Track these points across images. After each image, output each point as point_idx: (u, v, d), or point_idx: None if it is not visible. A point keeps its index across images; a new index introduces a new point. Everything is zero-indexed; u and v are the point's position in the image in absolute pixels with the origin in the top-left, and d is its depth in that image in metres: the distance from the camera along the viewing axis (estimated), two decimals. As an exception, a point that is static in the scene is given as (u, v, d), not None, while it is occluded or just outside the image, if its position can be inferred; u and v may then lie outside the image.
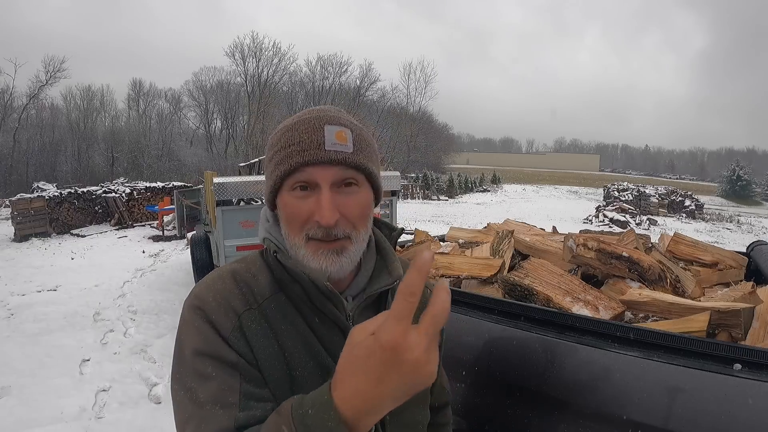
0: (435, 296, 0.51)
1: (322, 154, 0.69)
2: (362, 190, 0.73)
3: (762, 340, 1.10)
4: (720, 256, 1.71)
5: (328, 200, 0.68)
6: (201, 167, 24.31)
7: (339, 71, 37.11)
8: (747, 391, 0.84)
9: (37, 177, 22.04)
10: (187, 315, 0.70)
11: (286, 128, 0.73)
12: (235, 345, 0.67)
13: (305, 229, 0.70)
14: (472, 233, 2.17)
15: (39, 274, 7.32)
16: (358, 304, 0.75)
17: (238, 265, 0.77)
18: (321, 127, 0.70)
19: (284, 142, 0.72)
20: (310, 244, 0.70)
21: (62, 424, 3.09)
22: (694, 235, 3.42)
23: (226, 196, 4.94)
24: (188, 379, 0.66)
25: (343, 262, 0.71)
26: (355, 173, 0.71)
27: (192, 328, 0.68)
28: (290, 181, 0.70)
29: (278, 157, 0.72)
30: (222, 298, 0.70)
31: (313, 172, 0.69)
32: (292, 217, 0.71)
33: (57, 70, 29.27)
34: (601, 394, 0.97)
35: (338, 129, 0.71)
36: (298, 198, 0.70)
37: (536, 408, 1.06)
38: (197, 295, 0.71)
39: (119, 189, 13.77)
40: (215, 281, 0.73)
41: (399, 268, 0.78)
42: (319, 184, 0.69)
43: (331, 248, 0.70)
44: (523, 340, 1.14)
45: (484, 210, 20.54)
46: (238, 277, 0.74)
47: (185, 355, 0.67)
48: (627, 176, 56.84)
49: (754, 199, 41.45)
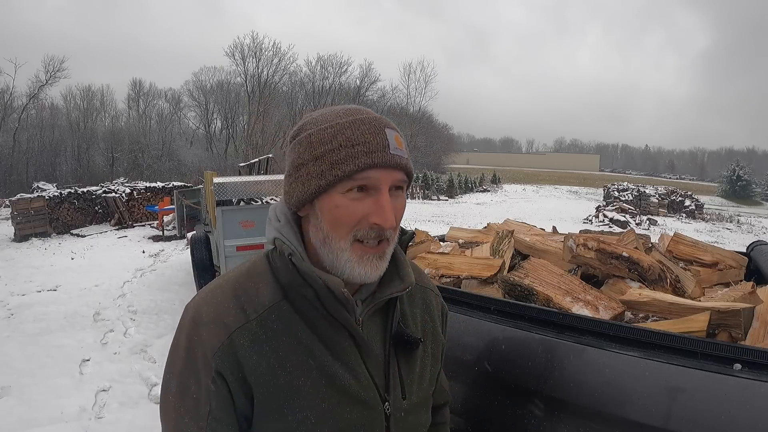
0: None
1: (388, 158, 0.68)
2: (404, 194, 0.74)
3: (762, 340, 1.10)
4: (720, 256, 1.70)
5: (390, 203, 0.68)
6: (201, 167, 24.31)
7: (339, 71, 37.14)
8: (747, 391, 0.84)
9: (37, 177, 22.06)
10: (185, 321, 0.72)
11: (340, 126, 0.69)
12: (218, 365, 0.67)
13: (354, 230, 0.69)
14: (472, 233, 2.17)
15: (39, 274, 7.32)
16: (368, 309, 0.75)
17: (242, 272, 0.75)
18: (383, 130, 0.70)
19: (344, 142, 0.68)
20: (355, 248, 0.69)
21: (62, 424, 3.09)
22: (694, 235, 3.42)
23: (226, 196, 4.95)
24: (175, 383, 0.71)
25: (383, 266, 0.72)
26: (406, 178, 0.72)
27: (184, 335, 0.71)
28: (348, 182, 0.67)
29: (335, 157, 0.67)
30: (216, 313, 0.70)
31: (378, 174, 0.68)
32: (343, 218, 0.68)
33: (57, 70, 29.30)
34: (601, 394, 0.97)
35: (395, 133, 0.72)
36: (353, 200, 0.68)
37: (536, 408, 1.05)
38: (196, 304, 0.72)
39: (119, 189, 13.78)
40: (214, 292, 0.73)
41: (411, 275, 0.78)
42: (379, 187, 0.68)
43: (376, 253, 0.70)
44: (523, 340, 1.14)
45: (484, 210, 20.54)
46: (239, 286, 0.73)
47: (178, 357, 0.71)
48: (627, 176, 56.81)
49: (754, 199, 41.45)
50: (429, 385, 0.84)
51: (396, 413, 0.76)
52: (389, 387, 0.76)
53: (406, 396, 0.77)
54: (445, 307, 0.92)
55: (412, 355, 0.79)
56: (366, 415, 0.73)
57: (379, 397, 0.74)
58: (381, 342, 0.77)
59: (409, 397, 0.77)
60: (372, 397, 0.73)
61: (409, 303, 0.84)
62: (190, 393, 0.69)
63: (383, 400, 0.74)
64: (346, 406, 0.71)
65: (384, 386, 0.75)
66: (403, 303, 0.82)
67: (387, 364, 0.76)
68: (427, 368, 0.83)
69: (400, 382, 0.77)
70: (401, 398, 0.76)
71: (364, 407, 0.73)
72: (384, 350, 0.77)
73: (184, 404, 0.70)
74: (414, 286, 0.83)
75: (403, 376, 0.77)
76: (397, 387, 0.76)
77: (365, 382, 0.73)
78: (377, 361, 0.75)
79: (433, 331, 0.85)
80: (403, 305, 0.82)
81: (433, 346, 0.85)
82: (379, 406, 0.74)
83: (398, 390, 0.76)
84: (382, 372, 0.76)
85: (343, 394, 0.71)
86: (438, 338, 0.86)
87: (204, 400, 0.68)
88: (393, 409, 0.75)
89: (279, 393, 0.69)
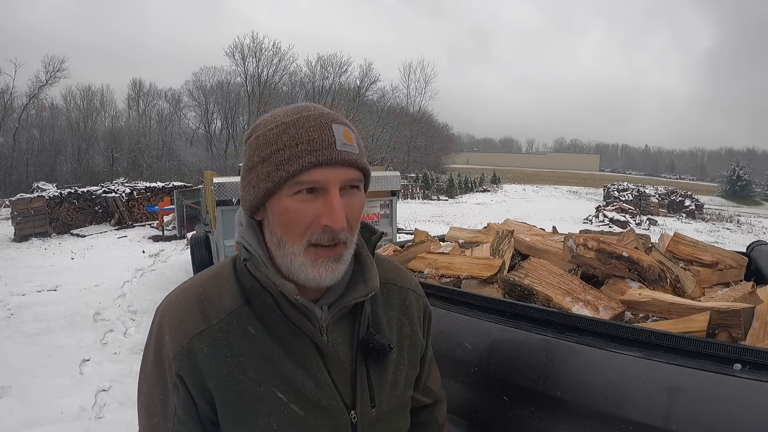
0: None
1: (334, 155, 0.65)
2: (360, 193, 0.70)
3: (762, 340, 1.10)
4: (720, 256, 1.70)
5: (339, 203, 0.65)
6: (201, 167, 24.30)
7: (339, 71, 37.10)
8: (747, 391, 0.84)
9: (37, 177, 22.02)
10: (154, 323, 0.73)
11: (285, 125, 0.67)
12: (179, 368, 0.68)
13: (307, 234, 0.66)
14: (472, 233, 2.17)
15: (39, 274, 7.32)
16: (332, 315, 0.72)
17: (208, 276, 0.75)
18: (329, 126, 0.66)
19: (287, 141, 0.65)
20: (309, 251, 0.67)
21: (62, 424, 3.09)
22: (694, 235, 3.42)
23: (226, 196, 4.94)
24: (145, 382, 0.73)
25: (340, 269, 0.69)
26: (359, 176, 0.69)
27: (153, 337, 0.72)
28: (293, 183, 0.65)
29: (280, 157, 0.65)
30: (178, 318, 0.70)
31: (323, 173, 0.65)
32: (294, 222, 0.66)
33: (57, 70, 29.28)
34: (601, 394, 0.97)
35: (344, 128, 0.68)
36: (302, 201, 0.65)
37: (536, 408, 1.05)
38: (163, 308, 0.73)
39: (119, 189, 13.77)
40: (179, 296, 0.73)
41: (375, 278, 0.74)
42: (327, 187, 0.65)
43: (331, 256, 0.67)
44: (523, 340, 1.14)
45: (484, 210, 20.53)
46: (202, 291, 0.72)
47: (149, 355, 0.72)
48: (627, 176, 56.83)
49: (754, 199, 41.43)
50: (405, 390, 0.80)
51: (363, 421, 0.73)
52: (356, 395, 0.73)
53: (375, 404, 0.74)
54: (428, 308, 0.88)
55: (384, 361, 0.75)
56: (330, 423, 0.71)
57: (343, 406, 0.72)
58: (348, 348, 0.74)
59: (378, 404, 0.74)
60: (335, 405, 0.71)
61: (385, 305, 0.80)
62: (157, 393, 0.70)
63: (348, 409, 0.72)
64: (309, 414, 0.69)
65: (350, 394, 0.73)
66: (377, 305, 0.79)
67: (354, 372, 0.73)
68: (402, 373, 0.79)
69: (369, 390, 0.74)
70: (369, 406, 0.74)
71: (328, 415, 0.70)
72: (351, 357, 0.74)
73: (153, 404, 0.71)
74: (392, 287, 0.82)
75: (373, 383, 0.74)
76: (365, 395, 0.73)
77: (328, 390, 0.71)
78: (343, 368, 0.72)
79: (411, 334, 0.81)
80: (377, 307, 0.79)
81: (411, 350, 0.81)
82: (344, 415, 0.72)
83: (366, 398, 0.73)
84: (349, 379, 0.73)
85: (304, 401, 0.69)
86: (416, 341, 0.82)
87: (169, 401, 0.69)
88: (360, 417, 0.73)
89: (240, 399, 0.68)
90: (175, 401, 0.69)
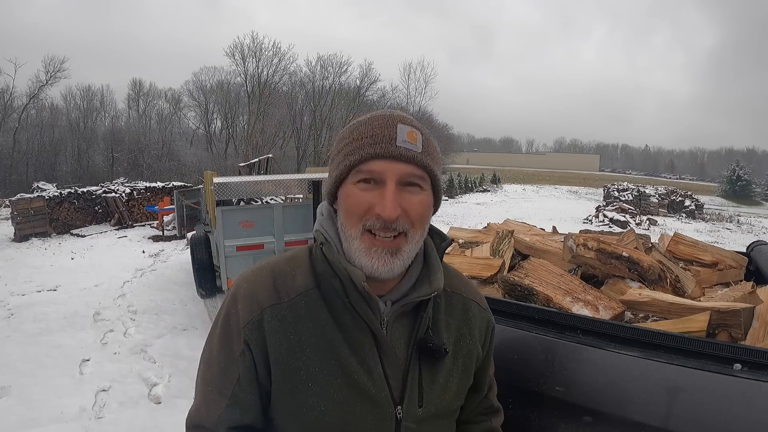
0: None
1: (392, 149, 0.70)
2: (425, 192, 0.73)
3: (762, 340, 1.10)
4: (720, 256, 1.70)
5: (392, 193, 0.69)
6: (201, 167, 24.30)
7: (339, 71, 37.06)
8: (747, 391, 0.84)
9: (37, 177, 22.02)
10: (228, 295, 0.77)
11: (359, 123, 0.75)
12: (247, 336, 0.72)
13: (363, 220, 0.70)
14: (472, 233, 2.17)
15: (39, 274, 7.32)
16: (396, 310, 0.75)
17: (284, 258, 0.80)
18: (394, 125, 0.72)
19: (355, 135, 0.73)
20: (365, 237, 0.71)
21: (62, 424, 3.09)
22: (694, 235, 3.42)
23: (226, 196, 4.94)
24: (209, 352, 0.77)
25: (396, 264, 0.71)
26: (422, 174, 0.72)
27: (225, 308, 0.76)
28: (356, 173, 0.71)
29: (347, 149, 0.72)
30: (252, 290, 0.75)
31: (381, 165, 0.70)
32: (353, 207, 0.71)
33: (57, 70, 29.25)
34: (601, 394, 0.97)
35: (410, 129, 0.73)
36: (362, 190, 0.71)
37: (536, 408, 1.05)
38: (239, 282, 0.78)
39: (119, 189, 13.77)
40: (255, 273, 0.78)
41: (440, 279, 0.77)
42: (385, 178, 0.70)
43: (387, 247, 0.70)
44: (523, 340, 1.14)
45: (484, 210, 20.52)
46: (278, 270, 0.76)
47: (217, 327, 0.77)
48: (627, 176, 56.79)
49: (754, 199, 41.40)
50: (454, 399, 0.81)
51: (408, 419, 0.74)
52: (405, 391, 0.74)
53: (423, 404, 0.75)
54: (492, 322, 0.89)
55: (437, 364, 0.77)
56: (375, 414, 0.72)
57: (391, 399, 0.73)
58: (405, 345, 0.75)
59: (426, 405, 0.75)
60: (383, 397, 0.73)
61: (446, 311, 0.82)
62: (218, 363, 0.74)
63: (395, 404, 0.73)
64: (357, 401, 0.71)
65: (399, 390, 0.74)
66: (438, 310, 0.80)
67: (407, 369, 0.75)
68: (454, 380, 0.80)
69: (419, 389, 0.75)
70: (417, 405, 0.75)
71: (374, 406, 0.72)
72: (407, 354, 0.75)
73: (212, 373, 0.75)
74: (456, 296, 0.83)
75: (424, 383, 0.76)
76: (414, 393, 0.75)
77: (378, 381, 0.73)
78: (396, 363, 0.74)
79: (468, 344, 0.83)
80: (438, 312, 0.80)
81: (466, 360, 0.82)
82: (391, 408, 0.73)
83: (415, 397, 0.75)
84: (401, 375, 0.74)
85: (354, 388, 0.71)
86: (473, 352, 0.83)
87: (233, 369, 0.73)
88: (405, 414, 0.74)
89: (294, 375, 0.71)
90: (240, 368, 0.72)
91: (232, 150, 34.00)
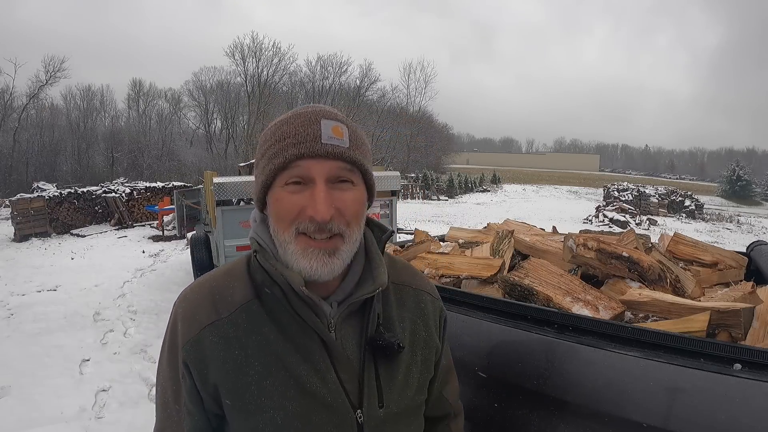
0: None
1: (318, 147, 0.67)
2: (357, 188, 0.70)
3: (762, 340, 1.10)
4: (720, 256, 1.70)
5: (322, 192, 0.66)
6: (201, 167, 24.31)
7: (339, 71, 37.07)
8: (747, 391, 0.84)
9: (37, 177, 22.02)
10: (170, 316, 0.76)
11: (280, 123, 0.71)
12: (186, 357, 0.70)
13: (295, 223, 0.67)
14: (472, 233, 2.17)
15: (39, 274, 7.32)
16: (342, 311, 0.72)
17: (221, 273, 0.77)
18: (317, 121, 0.68)
19: (278, 136, 0.69)
20: (300, 240, 0.68)
21: (62, 424, 3.09)
22: (694, 235, 3.42)
23: (226, 196, 4.94)
24: (161, 374, 0.76)
25: (335, 264, 0.68)
26: (351, 169, 0.69)
27: (168, 330, 0.75)
28: (283, 175, 0.68)
29: (271, 152, 0.69)
30: (191, 310, 0.72)
31: (308, 165, 0.67)
32: (283, 212, 0.68)
33: (57, 70, 29.30)
34: (601, 394, 0.97)
35: (334, 124, 0.69)
36: (291, 192, 0.67)
37: (536, 408, 1.05)
38: (179, 302, 0.76)
39: (119, 189, 13.77)
40: (194, 291, 0.75)
41: (383, 274, 0.74)
42: (313, 178, 0.67)
43: (323, 248, 0.67)
44: (523, 340, 1.14)
45: (484, 210, 20.53)
46: (215, 286, 0.74)
47: (164, 350, 0.77)
48: (627, 176, 56.82)
49: (754, 199, 41.40)
50: (417, 394, 0.79)
51: (370, 422, 0.72)
52: (363, 394, 0.72)
53: (384, 404, 0.73)
54: (444, 312, 0.87)
55: (394, 361, 0.74)
56: (334, 421, 0.70)
57: (348, 404, 0.71)
58: (356, 346, 0.73)
59: (387, 405, 0.73)
60: (341, 403, 0.70)
61: (398, 305, 0.79)
62: (171, 384, 0.73)
63: (354, 408, 0.71)
64: (314, 411, 0.69)
65: (357, 393, 0.72)
66: (389, 306, 0.78)
67: (362, 371, 0.72)
68: (414, 375, 0.78)
69: (377, 389, 0.73)
70: (378, 407, 0.72)
71: (332, 413, 0.70)
72: (359, 355, 0.73)
73: (167, 394, 0.74)
74: (406, 288, 0.81)
75: (382, 383, 0.73)
76: (372, 395, 0.72)
77: (333, 387, 0.70)
78: (350, 366, 0.72)
79: (425, 337, 0.80)
80: (389, 308, 0.78)
81: (425, 353, 0.80)
82: (350, 414, 0.70)
83: (374, 398, 0.72)
84: (356, 378, 0.72)
85: (309, 397, 0.69)
86: (431, 344, 0.81)
87: (180, 391, 0.72)
88: (367, 417, 0.71)
89: (245, 391, 0.69)
90: (183, 390, 0.71)
91: (232, 150, 33.99)
